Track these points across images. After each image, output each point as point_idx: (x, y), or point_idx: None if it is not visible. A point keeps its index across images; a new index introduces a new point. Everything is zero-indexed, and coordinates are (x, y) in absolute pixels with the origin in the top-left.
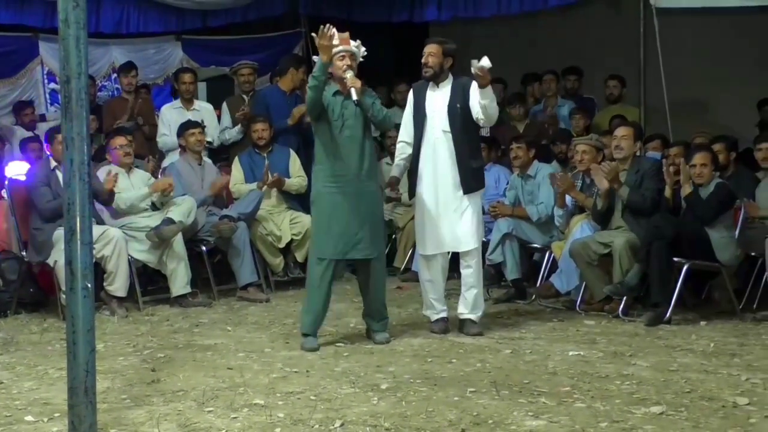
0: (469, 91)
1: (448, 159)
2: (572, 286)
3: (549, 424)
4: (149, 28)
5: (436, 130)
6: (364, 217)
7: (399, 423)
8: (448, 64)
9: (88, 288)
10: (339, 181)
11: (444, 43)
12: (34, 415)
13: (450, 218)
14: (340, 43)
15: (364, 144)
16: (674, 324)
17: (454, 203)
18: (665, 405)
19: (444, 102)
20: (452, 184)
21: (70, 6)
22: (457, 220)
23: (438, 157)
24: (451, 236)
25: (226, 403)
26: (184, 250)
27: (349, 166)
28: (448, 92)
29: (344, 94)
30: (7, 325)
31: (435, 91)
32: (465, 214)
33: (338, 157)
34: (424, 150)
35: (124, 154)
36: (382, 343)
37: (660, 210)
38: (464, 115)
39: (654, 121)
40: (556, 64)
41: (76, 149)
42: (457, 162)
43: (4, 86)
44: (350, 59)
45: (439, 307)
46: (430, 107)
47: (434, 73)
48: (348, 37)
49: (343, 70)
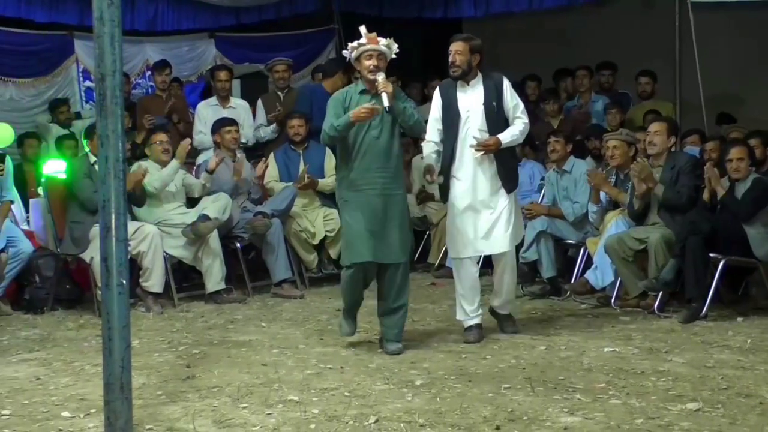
0: (502, 89)
1: (486, 159)
2: (607, 282)
3: (584, 421)
4: (183, 26)
5: (473, 130)
6: (392, 221)
7: (433, 419)
8: (476, 61)
9: (124, 284)
10: (365, 185)
11: (470, 39)
12: (71, 411)
13: (486, 220)
14: (367, 42)
15: (391, 145)
16: (710, 320)
17: (491, 204)
18: (701, 402)
19: (479, 101)
20: (490, 184)
21: (105, 4)
22: (494, 222)
23: (477, 158)
24: (487, 239)
25: (260, 399)
26: (219, 246)
27: (375, 169)
28: (481, 90)
29: (371, 93)
30: (43, 321)
31: (466, 90)
32: (502, 215)
33: (364, 160)
34: (460, 150)
35: (163, 150)
36: (395, 354)
37: (696, 206)
38: (500, 112)
39: (689, 116)
40: (590, 60)
41: (111, 146)
42: (497, 161)
43: (40, 84)
44: (378, 59)
45: (472, 312)
46: (463, 107)
47: (463, 71)
48: (376, 36)
49: (369, 70)
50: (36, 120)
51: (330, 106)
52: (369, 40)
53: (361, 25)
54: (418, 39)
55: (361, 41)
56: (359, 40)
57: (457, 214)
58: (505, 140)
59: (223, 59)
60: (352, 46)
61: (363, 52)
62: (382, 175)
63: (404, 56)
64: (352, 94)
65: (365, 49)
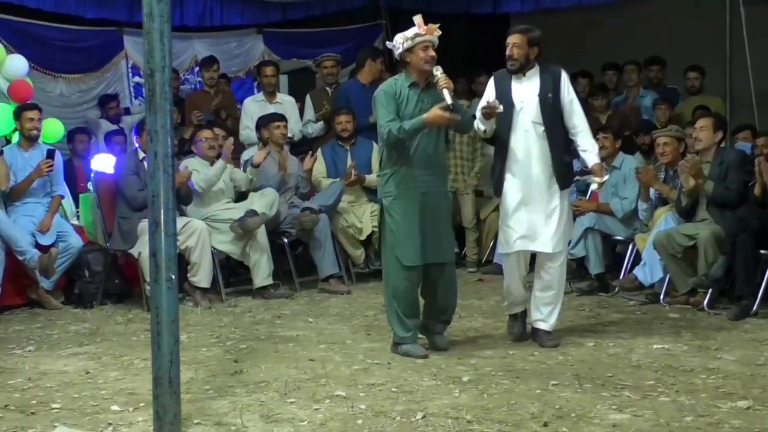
0: (560, 82)
1: (540, 152)
2: (656, 279)
3: (633, 418)
4: (231, 21)
5: (526, 122)
6: (441, 219)
7: (481, 415)
8: (534, 53)
9: (172, 279)
10: (416, 183)
11: (528, 31)
12: (120, 405)
13: (539, 216)
14: (425, 33)
15: (439, 143)
16: (761, 317)
17: (544, 200)
18: (752, 399)
19: (534, 92)
20: (544, 179)
21: (154, 0)
22: (547, 219)
23: (531, 150)
24: (538, 235)
25: (308, 395)
26: (267, 241)
27: (425, 166)
28: (537, 82)
29: (421, 86)
30: (93, 315)
31: (522, 81)
32: (554, 213)
33: (414, 157)
34: (513, 142)
35: (209, 146)
36: (443, 349)
37: (746, 202)
38: (556, 105)
39: (740, 111)
40: (638, 55)
41: (160, 142)
42: (551, 155)
43: (89, 80)
44: (433, 50)
45: (515, 302)
46: (517, 98)
47: (520, 65)
48: (436, 27)
49: (426, 61)
50: (86, 115)
51: (381, 102)
52: (427, 30)
53: (417, 15)
54: (463, 33)
55: (418, 31)
56: (414, 30)
57: (510, 209)
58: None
59: (270, 55)
60: (405, 36)
61: (419, 42)
62: (431, 172)
63: (450, 51)
64: (401, 86)
65: (423, 39)
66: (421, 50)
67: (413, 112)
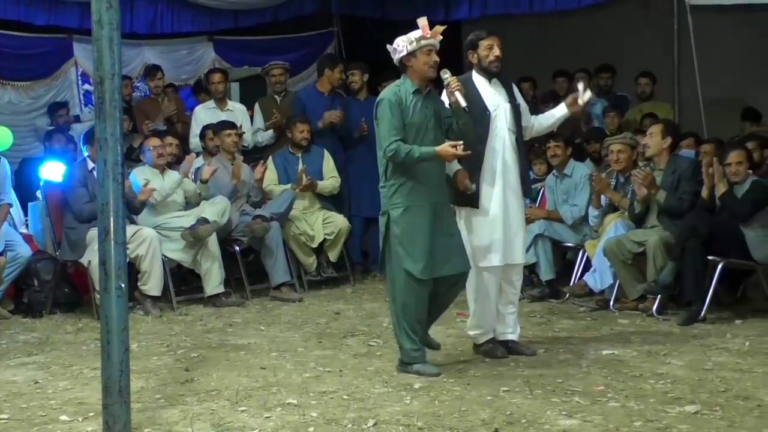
0: (513, 89)
1: (513, 160)
2: (606, 285)
3: (582, 424)
4: (182, 29)
5: (502, 129)
6: (453, 230)
7: (432, 422)
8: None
9: (122, 288)
10: (426, 193)
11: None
12: (69, 415)
13: (516, 226)
14: (430, 36)
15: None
16: (709, 323)
17: (520, 210)
18: (700, 404)
19: (503, 98)
20: (517, 188)
21: (103, 7)
22: (518, 229)
23: (506, 159)
24: (514, 247)
25: (259, 403)
26: (218, 249)
27: (434, 176)
28: (501, 88)
29: (424, 93)
30: (42, 325)
31: (488, 87)
32: (522, 221)
33: (424, 167)
34: (489, 151)
35: (157, 155)
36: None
37: (695, 208)
38: (517, 111)
39: (688, 118)
40: (588, 62)
41: (110, 150)
42: (519, 164)
43: (39, 87)
44: (435, 54)
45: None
46: (490, 104)
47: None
48: (440, 31)
49: (430, 66)
50: (35, 123)
51: (386, 113)
52: (432, 34)
53: (422, 18)
54: None
55: (422, 35)
56: (418, 33)
57: (488, 220)
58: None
59: (221, 62)
60: (409, 39)
61: (423, 46)
62: (439, 182)
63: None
64: (405, 93)
65: (427, 43)
66: (424, 54)
67: (419, 119)
